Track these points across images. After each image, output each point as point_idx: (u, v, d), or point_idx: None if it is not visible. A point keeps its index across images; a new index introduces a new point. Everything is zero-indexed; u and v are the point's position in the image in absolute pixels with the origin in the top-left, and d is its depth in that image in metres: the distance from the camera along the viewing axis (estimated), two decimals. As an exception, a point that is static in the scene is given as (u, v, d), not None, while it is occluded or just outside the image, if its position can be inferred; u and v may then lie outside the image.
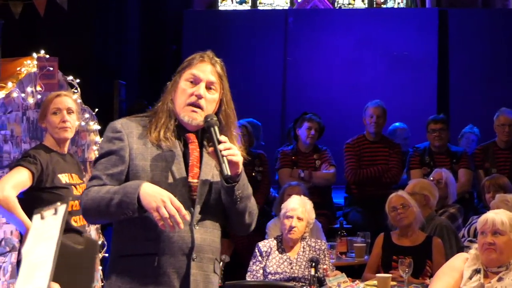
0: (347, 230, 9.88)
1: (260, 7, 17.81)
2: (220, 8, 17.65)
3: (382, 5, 18.00)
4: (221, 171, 4.40)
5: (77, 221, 6.24)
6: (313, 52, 15.39)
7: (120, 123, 4.57)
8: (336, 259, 8.96)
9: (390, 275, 7.74)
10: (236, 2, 18.01)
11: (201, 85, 4.54)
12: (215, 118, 4.54)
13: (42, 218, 2.98)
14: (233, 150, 4.45)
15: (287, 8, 17.35)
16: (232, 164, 4.41)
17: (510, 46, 14.92)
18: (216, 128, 4.49)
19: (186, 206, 4.37)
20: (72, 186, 6.45)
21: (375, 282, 7.64)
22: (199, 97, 4.52)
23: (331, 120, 12.29)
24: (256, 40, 15.42)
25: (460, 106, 14.48)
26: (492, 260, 6.47)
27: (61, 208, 2.90)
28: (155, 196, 4.25)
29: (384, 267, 8.28)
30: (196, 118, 4.53)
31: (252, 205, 4.64)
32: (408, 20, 15.85)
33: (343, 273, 8.04)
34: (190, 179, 4.48)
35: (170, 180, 4.45)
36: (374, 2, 18.03)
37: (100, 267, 8.31)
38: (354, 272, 8.60)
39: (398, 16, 16.52)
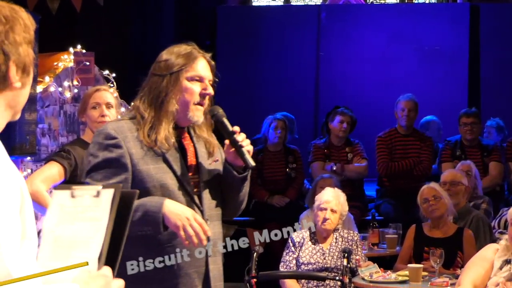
0: (379, 221, 9.87)
1: (293, 3, 17.78)
2: (254, 3, 17.64)
3: (413, 0, 17.94)
4: (245, 162, 4.37)
5: None
6: (345, 47, 15.36)
7: (113, 129, 4.39)
8: (368, 250, 8.96)
9: (421, 265, 7.75)
10: (271, -1, 18.02)
11: (207, 83, 4.44)
12: (221, 110, 4.50)
13: (72, 196, 2.88)
14: (248, 140, 4.42)
15: (319, 3, 17.30)
16: (249, 153, 4.38)
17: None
18: (226, 119, 4.46)
19: (194, 203, 4.36)
20: None
21: (406, 272, 7.64)
22: (208, 95, 4.45)
23: (363, 113, 12.27)
24: (289, 35, 15.39)
25: (491, 100, 14.40)
26: (522, 251, 6.47)
27: (106, 192, 2.84)
28: (180, 215, 4.19)
29: (415, 258, 8.27)
30: (201, 116, 4.45)
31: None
32: (439, 15, 15.79)
33: (375, 264, 8.05)
34: (191, 176, 4.43)
35: (174, 180, 4.36)
36: (406, -2, 17.98)
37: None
38: (386, 263, 8.60)
39: (429, 11, 16.47)
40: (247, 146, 4.38)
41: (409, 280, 7.53)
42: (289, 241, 8.17)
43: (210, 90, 4.43)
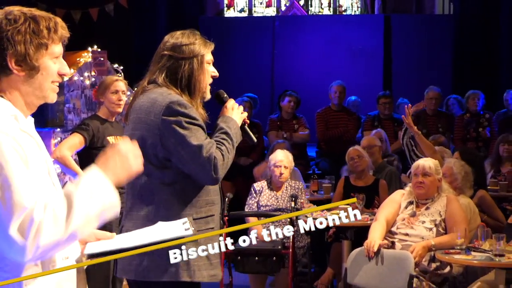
0: (318, 175, 9.86)
1: (255, 15, 17.73)
2: (226, 15, 17.57)
3: (343, 12, 17.93)
4: (248, 138, 4.01)
5: None
6: (293, 47, 15.35)
7: (184, 102, 3.76)
8: (310, 195, 8.93)
9: (349, 205, 7.72)
10: (237, 11, 17.94)
11: (213, 66, 3.95)
12: (225, 94, 4.08)
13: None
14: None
15: (274, 15, 17.28)
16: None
17: (436, 42, 14.93)
18: None
19: None
20: None
21: (338, 211, 7.61)
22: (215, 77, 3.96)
23: (306, 95, 12.23)
24: (251, 39, 15.42)
25: (400, 86, 14.47)
26: (421, 195, 6.49)
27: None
28: None
29: (344, 201, 8.25)
30: (209, 94, 3.97)
31: None
32: (362, 23, 15.87)
33: (315, 205, 8.05)
34: None
35: None
36: (338, 10, 17.95)
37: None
38: (323, 204, 8.55)
39: (355, 20, 16.54)
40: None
41: (340, 217, 7.49)
42: (252, 189, 8.12)
43: (217, 73, 3.96)
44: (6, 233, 2.36)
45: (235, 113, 3.96)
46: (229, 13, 17.82)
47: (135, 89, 4.04)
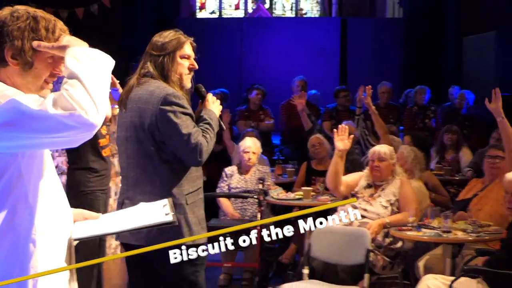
0: (282, 160, 9.85)
1: (224, 16, 17.69)
2: (198, 16, 17.49)
3: (304, 15, 17.91)
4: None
5: (105, 152, 6.02)
6: (260, 46, 15.33)
7: (178, 93, 4.00)
8: (275, 178, 8.89)
9: (311, 188, 7.73)
10: (209, 13, 17.88)
11: (192, 60, 4.15)
12: (203, 88, 4.32)
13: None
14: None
15: (242, 16, 17.23)
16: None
17: (387, 42, 15.00)
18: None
19: None
20: (102, 130, 6.16)
21: (301, 192, 7.61)
22: (194, 69, 4.15)
23: (271, 89, 12.20)
24: (222, 38, 15.35)
25: (355, 81, 14.45)
26: (377, 177, 6.50)
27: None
28: None
29: (306, 183, 8.24)
30: (190, 83, 4.17)
31: None
32: (321, 25, 15.90)
33: (280, 187, 8.02)
34: None
35: None
36: (299, 13, 17.95)
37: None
38: (287, 186, 8.52)
39: (315, 22, 16.58)
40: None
41: (303, 198, 7.49)
42: (223, 173, 8.07)
43: (195, 65, 4.16)
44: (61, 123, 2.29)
45: (215, 105, 4.24)
46: (201, 14, 17.76)
47: (129, 81, 4.16)
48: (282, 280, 6.94)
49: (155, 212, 2.69)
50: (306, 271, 5.93)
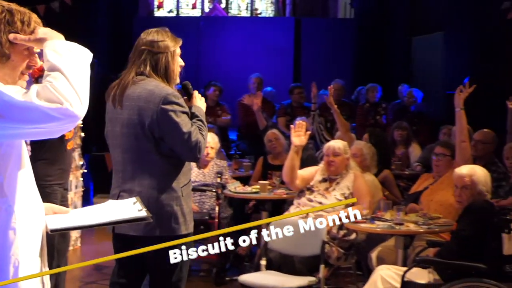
0: (239, 155, 9.85)
1: (181, 15, 17.60)
2: (156, 15, 17.36)
3: (259, 15, 17.91)
4: None
5: (69, 145, 5.90)
6: (216, 44, 15.29)
7: (176, 93, 4.05)
8: (232, 172, 8.85)
9: (267, 182, 7.70)
10: (166, 12, 17.76)
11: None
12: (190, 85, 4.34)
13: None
14: None
15: (199, 15, 17.16)
16: None
17: (339, 41, 15.08)
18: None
19: None
20: None
21: (258, 186, 7.58)
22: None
23: (228, 86, 12.17)
24: (180, 36, 15.16)
25: (308, 79, 14.47)
26: (332, 171, 6.50)
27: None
28: None
29: (263, 177, 8.22)
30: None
31: None
32: (275, 24, 15.91)
33: (238, 181, 7.99)
34: None
35: None
36: (254, 13, 17.94)
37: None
38: (244, 180, 8.49)
39: (270, 21, 16.60)
40: None
41: (260, 191, 7.47)
42: (182, 167, 8.01)
43: (183, 63, 4.23)
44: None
45: (202, 102, 4.29)
46: (159, 13, 17.64)
47: (124, 78, 4.13)
48: (239, 272, 6.90)
49: (127, 208, 2.68)
50: (263, 262, 5.92)
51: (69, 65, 2.35)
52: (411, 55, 14.23)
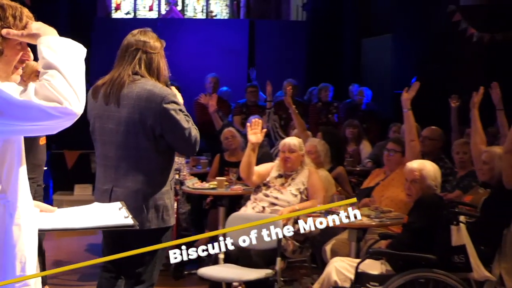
0: (196, 152, 9.76)
1: (139, 17, 17.45)
2: (113, 16, 17.19)
3: (214, 17, 17.86)
4: None
5: (42, 140, 5.79)
6: (173, 45, 15.05)
7: (174, 92, 4.16)
8: (190, 169, 8.80)
9: (224, 178, 7.67)
10: (124, 13, 17.60)
11: None
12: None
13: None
14: None
15: (156, 17, 17.05)
16: None
17: (292, 43, 15.12)
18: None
19: None
20: None
21: (215, 182, 7.55)
22: None
23: (185, 86, 12.09)
24: (137, 37, 15.14)
25: (262, 79, 14.48)
26: (288, 168, 6.50)
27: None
28: None
29: (220, 174, 8.19)
30: None
31: None
32: (230, 26, 15.85)
33: (195, 178, 7.95)
34: None
35: None
36: (209, 15, 17.89)
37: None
38: (201, 176, 8.46)
39: (225, 23, 16.52)
40: None
41: (217, 187, 7.44)
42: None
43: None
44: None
45: (180, 97, 4.24)
46: (116, 15, 17.46)
47: (118, 77, 4.14)
48: (198, 265, 6.86)
49: (113, 213, 2.65)
50: (221, 255, 5.90)
51: (65, 62, 2.32)
52: (361, 56, 14.35)
